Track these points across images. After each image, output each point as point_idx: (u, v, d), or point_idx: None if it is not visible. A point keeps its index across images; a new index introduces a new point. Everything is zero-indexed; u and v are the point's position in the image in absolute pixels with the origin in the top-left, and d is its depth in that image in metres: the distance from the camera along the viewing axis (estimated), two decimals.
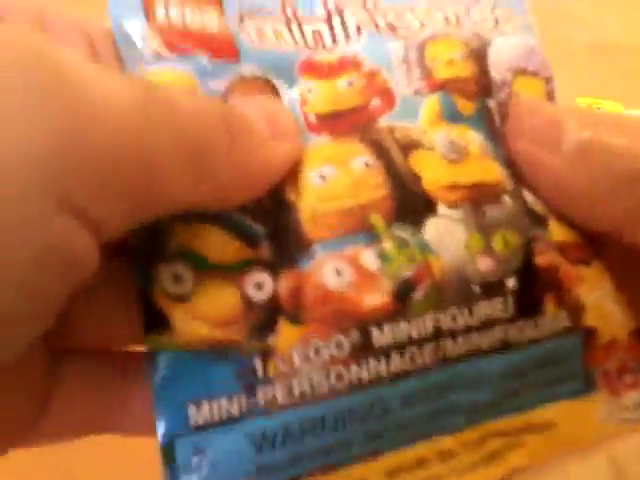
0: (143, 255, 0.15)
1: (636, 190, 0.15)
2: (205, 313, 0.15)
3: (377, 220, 0.16)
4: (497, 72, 0.18)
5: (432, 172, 0.16)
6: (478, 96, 0.18)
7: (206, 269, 0.15)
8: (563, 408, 0.17)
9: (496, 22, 0.18)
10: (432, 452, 0.16)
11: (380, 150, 0.16)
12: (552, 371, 0.16)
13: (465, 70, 0.18)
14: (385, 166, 0.16)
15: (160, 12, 0.16)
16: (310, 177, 0.16)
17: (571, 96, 0.50)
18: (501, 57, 0.18)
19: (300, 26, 0.17)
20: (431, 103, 0.17)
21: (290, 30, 0.17)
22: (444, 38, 0.18)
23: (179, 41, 0.16)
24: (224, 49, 0.17)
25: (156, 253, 0.15)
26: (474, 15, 0.18)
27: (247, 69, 0.17)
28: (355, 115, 0.17)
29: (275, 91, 0.17)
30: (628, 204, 0.15)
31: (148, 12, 0.16)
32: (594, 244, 0.17)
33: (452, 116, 0.17)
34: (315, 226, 0.16)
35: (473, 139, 0.17)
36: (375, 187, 0.16)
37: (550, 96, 0.18)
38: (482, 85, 0.18)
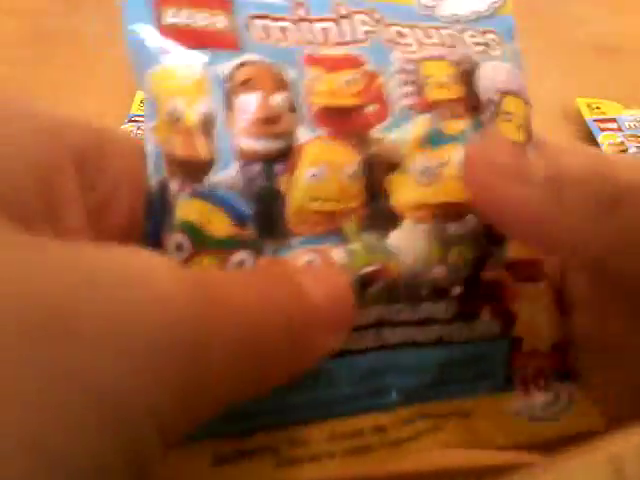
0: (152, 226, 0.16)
1: (618, 215, 0.15)
2: None
3: (349, 226, 0.17)
4: (485, 93, 0.19)
5: (403, 192, 0.18)
6: (468, 115, 0.19)
7: (201, 242, 0.16)
8: (482, 401, 0.19)
9: (486, 46, 0.20)
10: (367, 425, 0.18)
11: (367, 163, 0.18)
12: (478, 367, 0.19)
13: (455, 92, 0.19)
14: (367, 179, 0.18)
15: (168, 16, 0.17)
16: (304, 172, 0.17)
17: (571, 96, 0.50)
18: (489, 79, 0.19)
19: (310, 22, 0.18)
20: (419, 124, 0.18)
21: (298, 28, 0.18)
22: (438, 59, 0.19)
23: (184, 38, 0.17)
24: (227, 42, 0.17)
25: (163, 224, 0.16)
26: (467, 38, 0.19)
27: (250, 58, 0.17)
28: (353, 116, 0.18)
29: (279, 78, 0.17)
30: (611, 230, 0.15)
31: (158, 17, 0.17)
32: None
33: (438, 139, 0.18)
34: (299, 221, 0.17)
35: (453, 159, 0.18)
36: (355, 196, 0.17)
37: (529, 120, 0.19)
38: (471, 104, 0.19)
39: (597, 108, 0.49)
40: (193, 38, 0.17)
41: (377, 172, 0.18)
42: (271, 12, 0.18)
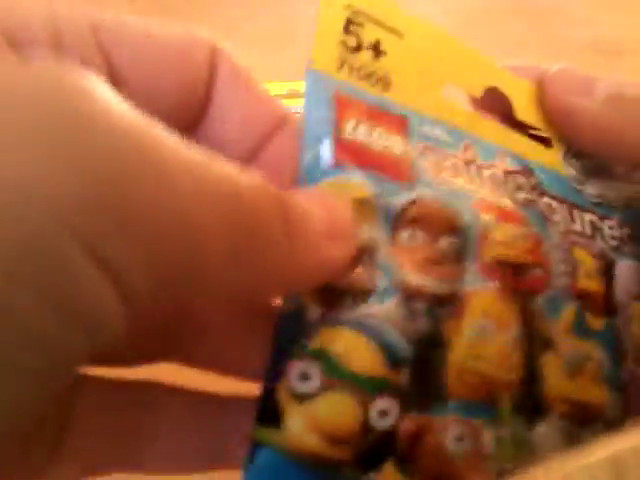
0: (279, 347, 0.15)
1: None
2: (321, 422, 0.14)
3: (506, 403, 0.16)
4: (619, 294, 0.18)
5: (555, 380, 0.17)
6: (605, 313, 0.18)
7: (336, 375, 0.15)
8: None
9: (621, 241, 0.19)
10: None
11: (529, 333, 0.17)
12: None
13: (597, 285, 0.18)
14: (525, 351, 0.16)
15: (349, 127, 0.16)
16: (472, 322, 0.16)
17: None
18: (622, 279, 0.18)
19: (479, 169, 0.18)
20: (568, 312, 0.17)
21: (468, 170, 0.17)
22: (584, 248, 0.18)
23: (361, 156, 0.16)
24: (403, 172, 0.16)
25: (292, 349, 0.15)
26: (605, 229, 0.19)
27: (425, 193, 0.16)
28: (523, 274, 0.17)
29: (451, 222, 0.16)
30: None
31: (338, 126, 0.16)
32: None
33: (582, 330, 0.17)
34: (459, 382, 0.16)
35: (594, 356, 0.17)
36: (513, 369, 0.16)
37: None
38: (609, 303, 0.18)
39: None
40: (370, 159, 0.16)
41: (536, 346, 0.17)
42: (442, 146, 0.17)
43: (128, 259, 0.10)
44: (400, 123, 0.17)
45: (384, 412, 0.15)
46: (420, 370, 0.15)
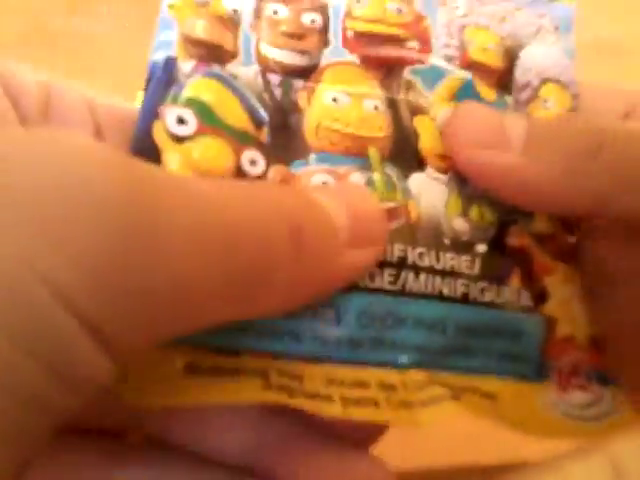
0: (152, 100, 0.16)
1: (601, 160, 0.15)
2: (197, 162, 0.15)
3: (374, 152, 0.17)
4: (523, 74, 0.18)
5: (429, 138, 0.17)
6: (498, 89, 0.18)
7: (210, 122, 0.16)
8: (509, 385, 0.17)
9: (538, 30, 0.19)
10: (374, 379, 0.16)
11: (392, 101, 0.17)
12: (507, 345, 0.17)
13: (495, 61, 0.18)
14: (392, 115, 0.17)
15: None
16: (325, 94, 0.17)
17: None
18: (532, 61, 0.18)
19: None
20: (453, 79, 0.18)
21: None
22: (484, 28, 0.18)
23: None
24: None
25: (166, 95, 0.16)
26: (519, 16, 0.19)
27: None
28: (391, 47, 0.17)
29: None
30: (600, 174, 0.15)
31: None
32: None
33: (471, 97, 0.18)
34: (316, 137, 0.16)
35: None
36: (378, 128, 0.17)
37: (573, 110, 0.18)
38: (504, 81, 0.18)
39: None
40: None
41: (403, 110, 0.17)
42: None
43: (122, 329, 0.11)
44: None
45: (253, 161, 0.16)
46: (279, 132, 0.16)
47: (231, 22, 0.16)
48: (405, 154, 0.17)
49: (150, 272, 0.11)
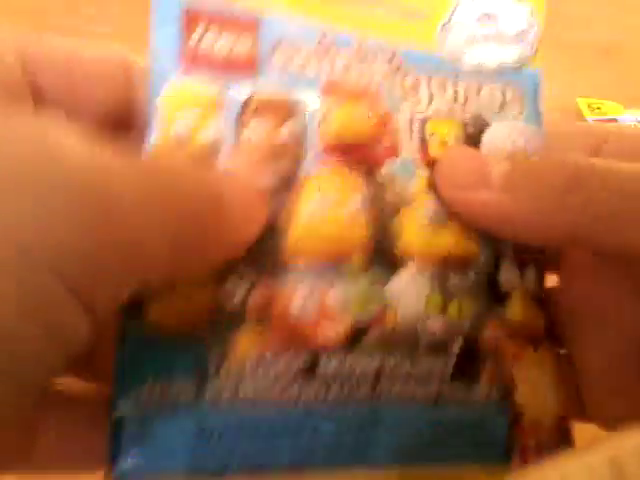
0: None
1: (577, 194, 0.16)
2: (179, 307, 0.16)
3: (354, 261, 0.17)
4: (490, 154, 0.19)
5: (412, 234, 0.18)
6: None
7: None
8: (478, 472, 0.18)
9: (502, 105, 0.19)
10: None
11: (376, 197, 0.18)
12: (476, 435, 0.18)
13: None
14: (374, 214, 0.17)
15: (195, 37, 0.17)
16: (306, 205, 0.17)
17: (571, 96, 0.50)
18: (494, 144, 0.19)
19: (333, 55, 0.18)
20: (423, 177, 0.18)
21: (320, 59, 0.18)
22: (446, 118, 0.19)
23: (207, 61, 0.17)
24: (245, 68, 0.17)
25: None
26: (484, 94, 0.19)
27: (267, 84, 0.17)
28: (365, 149, 0.18)
29: (292, 108, 0.17)
30: (575, 209, 0.16)
31: (185, 36, 0.17)
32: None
33: None
34: (297, 251, 0.17)
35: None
36: (360, 229, 0.17)
37: None
38: None
39: (598, 108, 0.49)
40: (216, 63, 0.17)
41: (385, 212, 0.18)
42: (297, 38, 0.18)
43: (93, 284, 0.13)
44: (249, 24, 0.17)
45: (232, 291, 0.16)
46: (259, 249, 0.17)
47: (212, 154, 0.17)
48: (386, 255, 0.17)
49: (109, 234, 0.13)
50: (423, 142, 0.18)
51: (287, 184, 0.17)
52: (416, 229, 0.18)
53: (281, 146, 0.17)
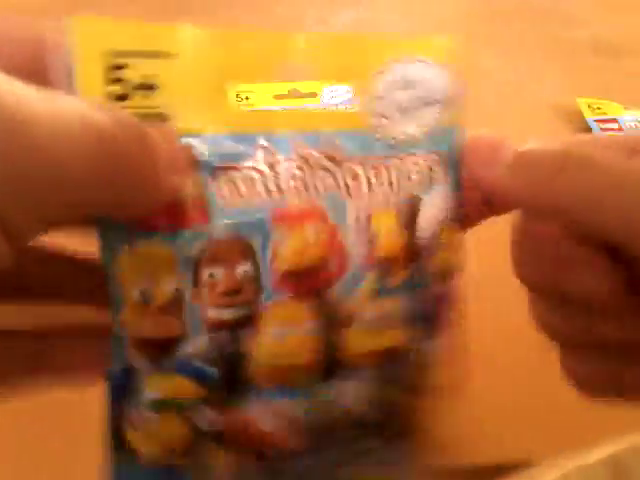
0: (118, 394, 0.18)
1: (564, 176, 0.18)
2: (162, 441, 0.18)
3: (312, 378, 0.19)
4: (426, 230, 0.20)
5: (356, 343, 0.19)
6: (407, 264, 0.20)
7: (165, 409, 0.18)
8: None
9: (431, 179, 0.20)
10: None
11: (325, 321, 0.19)
12: None
13: (397, 244, 0.19)
14: (324, 336, 0.19)
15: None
16: (265, 336, 0.18)
17: (571, 96, 0.50)
18: (429, 214, 0.20)
19: (276, 172, 0.18)
20: (369, 281, 0.19)
21: (265, 180, 0.18)
22: (384, 210, 0.19)
23: (150, 219, 0.17)
24: (196, 215, 0.17)
25: (130, 399, 0.18)
26: (411, 167, 0.20)
27: (218, 231, 0.17)
28: (315, 275, 0.19)
29: (245, 248, 0.18)
30: (563, 188, 0.18)
31: None
32: None
33: (384, 291, 0.19)
34: (262, 377, 0.18)
35: (395, 308, 0.20)
36: (311, 351, 0.19)
37: (457, 243, 0.21)
38: (411, 252, 0.20)
39: (598, 108, 0.49)
40: (161, 217, 0.17)
41: (334, 328, 0.19)
42: (235, 161, 0.17)
43: (10, 207, 0.13)
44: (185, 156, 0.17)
45: (206, 419, 0.18)
46: (228, 382, 0.18)
47: (175, 305, 0.17)
48: (334, 367, 0.19)
49: (25, 164, 0.13)
50: (370, 238, 0.19)
51: (249, 318, 0.18)
52: (360, 339, 0.19)
53: (238, 284, 0.18)
